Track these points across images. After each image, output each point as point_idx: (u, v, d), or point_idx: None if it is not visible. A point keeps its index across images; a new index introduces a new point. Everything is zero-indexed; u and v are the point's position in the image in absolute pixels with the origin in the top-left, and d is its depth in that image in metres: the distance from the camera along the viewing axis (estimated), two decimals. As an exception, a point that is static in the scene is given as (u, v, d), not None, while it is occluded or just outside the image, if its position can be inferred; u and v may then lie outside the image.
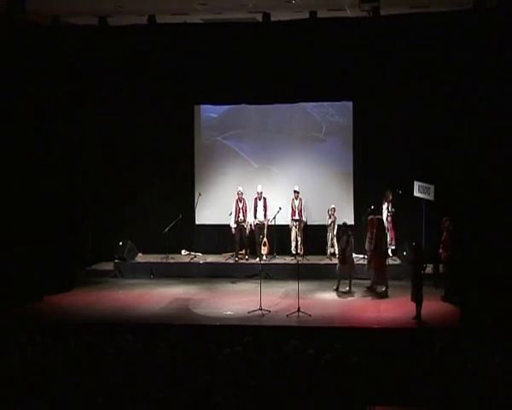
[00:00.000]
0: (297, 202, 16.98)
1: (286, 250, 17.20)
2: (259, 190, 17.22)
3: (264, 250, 16.97)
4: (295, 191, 17.02)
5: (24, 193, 14.71)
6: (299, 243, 16.95)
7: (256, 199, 17.18)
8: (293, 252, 17.00)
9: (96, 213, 17.86)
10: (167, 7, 14.21)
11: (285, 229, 17.10)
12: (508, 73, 12.37)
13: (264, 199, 17.18)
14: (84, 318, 13.62)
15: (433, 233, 15.25)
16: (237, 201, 17.12)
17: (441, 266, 14.87)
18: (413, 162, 16.57)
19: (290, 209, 17.06)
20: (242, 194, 17.12)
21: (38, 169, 14.92)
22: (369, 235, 15.13)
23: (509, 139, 12.59)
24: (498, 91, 12.46)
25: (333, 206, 16.73)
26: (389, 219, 16.09)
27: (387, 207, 16.20)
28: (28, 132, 14.59)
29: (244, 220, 17.09)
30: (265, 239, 16.97)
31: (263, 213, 17.11)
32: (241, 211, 17.02)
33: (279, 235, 17.15)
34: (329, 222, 16.75)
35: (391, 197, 16.16)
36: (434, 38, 12.59)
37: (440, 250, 14.44)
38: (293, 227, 16.99)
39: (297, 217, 16.93)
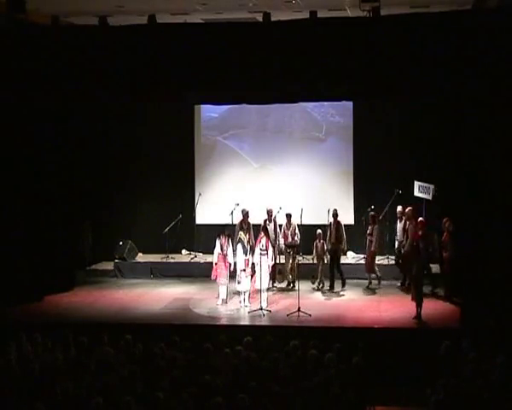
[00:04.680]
0: (291, 228, 15.61)
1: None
2: (270, 209, 15.72)
3: (279, 278, 15.74)
4: (288, 215, 15.70)
5: (24, 193, 14.71)
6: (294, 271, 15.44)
7: (265, 221, 15.35)
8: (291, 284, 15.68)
9: (96, 213, 17.85)
10: (167, 7, 14.21)
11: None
12: (508, 73, 12.36)
13: (275, 222, 15.83)
14: (84, 318, 13.62)
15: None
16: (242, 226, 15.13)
17: (436, 266, 14.92)
18: (413, 162, 16.57)
19: (282, 234, 15.75)
20: (246, 215, 15.34)
21: (38, 169, 14.92)
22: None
23: (508, 139, 12.60)
24: (498, 91, 12.46)
25: (319, 231, 15.56)
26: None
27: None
28: (28, 132, 14.59)
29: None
30: (281, 267, 15.72)
31: (273, 236, 15.53)
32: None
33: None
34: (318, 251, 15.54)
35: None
36: (434, 38, 12.59)
37: (444, 254, 14.40)
38: (287, 254, 15.70)
39: (290, 240, 15.64)
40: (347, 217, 16.99)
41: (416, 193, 15.94)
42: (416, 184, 15.91)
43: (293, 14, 14.23)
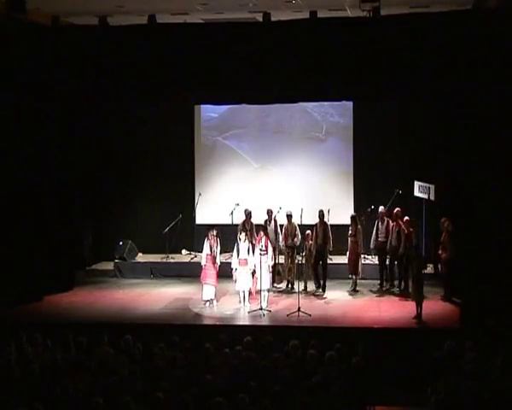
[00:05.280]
0: (290, 228, 15.46)
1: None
2: (269, 209, 15.69)
3: (277, 279, 15.51)
4: (288, 215, 15.52)
5: (24, 193, 14.70)
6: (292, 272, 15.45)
7: (266, 221, 15.58)
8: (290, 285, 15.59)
9: (96, 213, 17.85)
10: (167, 7, 14.22)
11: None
12: (508, 73, 12.36)
13: (275, 222, 15.76)
14: (84, 318, 13.63)
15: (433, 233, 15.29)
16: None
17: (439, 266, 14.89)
18: (413, 162, 16.57)
19: (283, 235, 15.55)
20: (248, 215, 15.90)
21: (38, 169, 14.91)
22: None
23: (508, 139, 12.60)
24: (498, 91, 12.46)
25: (308, 231, 15.39)
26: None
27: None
28: (28, 132, 14.58)
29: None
30: (280, 268, 15.55)
31: (274, 236, 15.45)
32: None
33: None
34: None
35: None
36: (434, 38, 12.59)
37: (440, 251, 14.40)
38: (287, 255, 15.58)
39: (290, 241, 15.45)
40: (347, 217, 16.96)
41: (416, 193, 15.93)
42: (416, 184, 15.91)
43: (293, 14, 14.24)
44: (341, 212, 16.60)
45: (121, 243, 17.49)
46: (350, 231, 15.49)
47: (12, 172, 14.58)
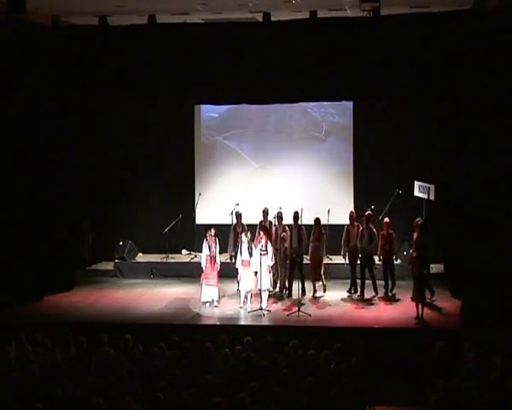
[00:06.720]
0: (280, 229, 14.81)
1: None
2: (264, 209, 15.34)
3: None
4: (279, 216, 14.98)
5: (24, 193, 14.70)
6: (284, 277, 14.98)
7: (261, 222, 15.26)
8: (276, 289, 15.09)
9: (96, 213, 17.84)
10: (167, 7, 14.23)
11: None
12: (507, 73, 12.37)
13: (270, 223, 15.29)
14: (84, 318, 13.62)
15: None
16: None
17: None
18: (413, 162, 16.56)
19: (274, 236, 14.83)
20: (238, 217, 15.96)
21: (38, 169, 14.91)
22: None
23: (508, 139, 12.60)
24: (498, 91, 12.47)
25: (283, 234, 14.77)
26: None
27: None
28: (28, 132, 14.58)
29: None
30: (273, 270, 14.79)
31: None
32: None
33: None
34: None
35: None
36: (434, 38, 12.60)
37: (411, 250, 14.17)
38: (279, 256, 14.85)
39: (279, 243, 14.78)
40: (347, 217, 16.96)
41: (416, 193, 15.92)
42: (416, 184, 15.90)
43: (293, 14, 14.25)
44: (341, 211, 16.57)
45: (121, 243, 17.49)
46: (312, 236, 14.85)
47: (12, 171, 14.57)
